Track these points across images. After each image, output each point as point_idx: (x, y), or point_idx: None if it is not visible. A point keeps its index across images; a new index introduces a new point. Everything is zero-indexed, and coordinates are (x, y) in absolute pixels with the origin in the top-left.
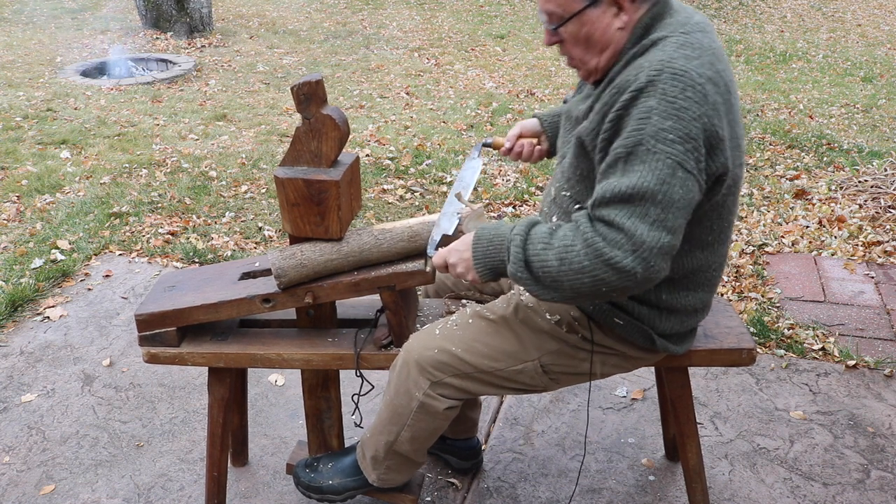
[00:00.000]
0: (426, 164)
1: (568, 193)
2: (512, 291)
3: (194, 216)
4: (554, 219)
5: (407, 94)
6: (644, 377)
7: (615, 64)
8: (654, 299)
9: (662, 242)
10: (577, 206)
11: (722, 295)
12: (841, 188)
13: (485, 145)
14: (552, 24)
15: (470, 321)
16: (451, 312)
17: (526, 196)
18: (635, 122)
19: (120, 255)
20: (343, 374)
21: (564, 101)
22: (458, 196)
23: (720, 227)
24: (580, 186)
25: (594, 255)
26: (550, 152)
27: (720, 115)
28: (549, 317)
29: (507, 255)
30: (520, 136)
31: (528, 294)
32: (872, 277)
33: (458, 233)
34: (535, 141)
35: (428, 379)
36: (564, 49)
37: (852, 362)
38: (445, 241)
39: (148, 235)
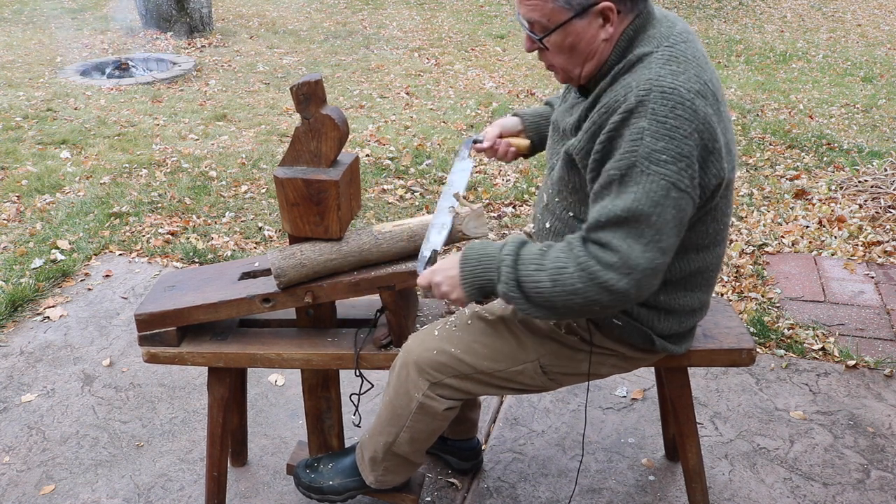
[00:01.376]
0: (426, 164)
1: (560, 200)
2: None
3: (194, 216)
4: (547, 224)
5: (407, 94)
6: (644, 377)
7: (599, 76)
8: (652, 301)
9: (656, 263)
10: (571, 215)
11: (722, 295)
12: (841, 188)
13: (475, 142)
14: (536, 34)
15: (469, 322)
16: (451, 313)
17: (526, 196)
18: (628, 143)
19: (120, 255)
20: (343, 373)
21: (546, 104)
22: (456, 196)
23: (715, 229)
24: (573, 198)
25: (588, 278)
26: (531, 151)
27: (712, 127)
28: None
29: (496, 275)
30: (500, 136)
31: None
32: (872, 277)
33: (454, 234)
34: (510, 141)
35: (427, 380)
36: (546, 57)
37: (852, 362)
38: (434, 259)
39: (148, 235)
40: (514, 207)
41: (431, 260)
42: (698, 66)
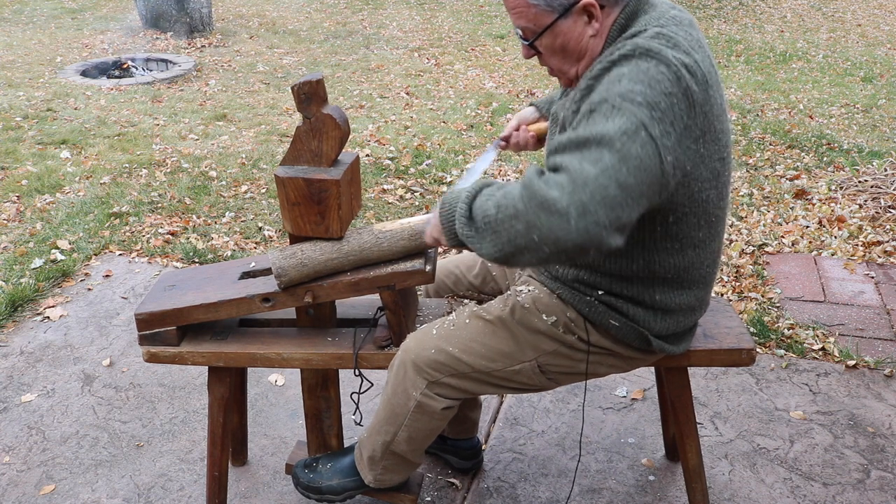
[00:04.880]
0: (426, 164)
1: None
2: (509, 292)
3: (194, 216)
4: None
5: (407, 94)
6: (644, 377)
7: None
8: (648, 300)
9: (610, 193)
10: None
11: (722, 295)
12: (841, 188)
13: (502, 140)
14: (527, 38)
15: (467, 321)
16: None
17: None
18: (605, 83)
19: (120, 255)
20: (343, 373)
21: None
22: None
23: (708, 222)
24: None
25: (529, 197)
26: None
27: (693, 105)
28: (545, 317)
29: (455, 210)
30: (518, 128)
31: (524, 295)
32: (872, 277)
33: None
34: (528, 128)
35: (425, 379)
36: (543, 61)
37: (852, 362)
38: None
39: (148, 235)
40: None
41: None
42: (689, 46)
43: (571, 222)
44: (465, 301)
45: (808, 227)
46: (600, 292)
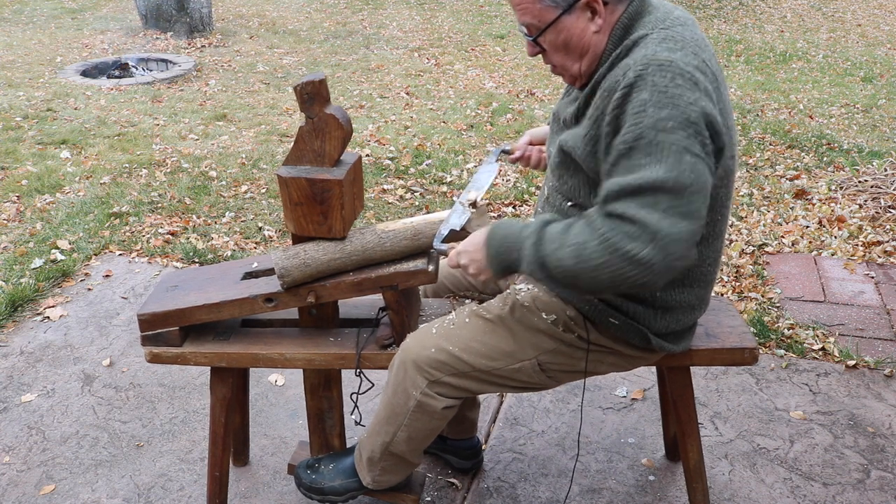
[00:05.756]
0: (426, 164)
1: (560, 192)
2: (508, 291)
3: (194, 216)
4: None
5: (407, 94)
6: (644, 377)
7: (599, 67)
8: (648, 297)
9: (679, 229)
10: (570, 204)
11: (722, 295)
12: (841, 188)
13: (503, 151)
14: (531, 35)
15: (467, 320)
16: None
17: (526, 196)
18: (632, 117)
19: (120, 255)
20: (345, 374)
21: None
22: (473, 203)
23: (714, 220)
24: (573, 181)
25: (611, 251)
26: None
27: (713, 101)
28: (545, 316)
29: (519, 255)
30: (529, 144)
31: (524, 293)
32: (872, 277)
33: (464, 231)
34: (542, 148)
35: (425, 378)
36: (547, 58)
37: (852, 362)
38: (452, 236)
39: (148, 235)
40: (514, 207)
41: (448, 237)
42: (696, 46)
43: (657, 267)
44: (466, 301)
45: (808, 227)
46: (622, 291)
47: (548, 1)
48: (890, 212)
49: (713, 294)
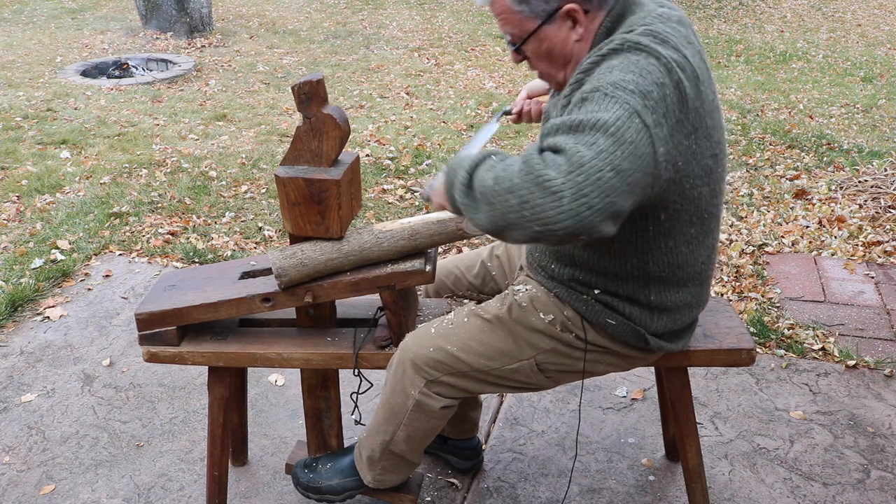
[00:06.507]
0: (426, 164)
1: None
2: (506, 291)
3: (194, 216)
4: None
5: (407, 94)
6: (644, 377)
7: None
8: (643, 299)
9: (604, 177)
10: None
11: (722, 295)
12: (841, 188)
13: (505, 113)
14: (514, 44)
15: (465, 320)
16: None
17: None
18: (595, 77)
19: (120, 255)
20: (343, 373)
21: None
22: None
23: (700, 218)
24: None
25: (526, 173)
26: None
27: (685, 95)
28: (542, 316)
29: (458, 177)
30: (528, 97)
31: (522, 294)
32: (872, 277)
33: (454, 232)
34: (540, 100)
35: (423, 377)
36: (532, 65)
37: (852, 362)
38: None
39: (148, 235)
40: None
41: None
42: (678, 43)
43: (565, 203)
44: (465, 301)
45: (808, 227)
46: (596, 291)
47: (527, 12)
48: (890, 212)
49: (712, 294)
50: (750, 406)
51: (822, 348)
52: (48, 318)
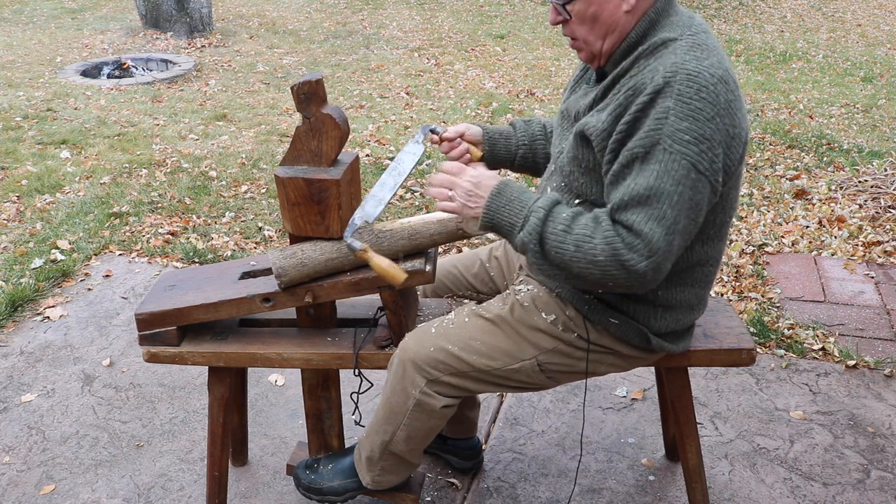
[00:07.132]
0: (426, 165)
1: (570, 189)
2: (508, 291)
3: (194, 216)
4: None
5: (407, 94)
6: (644, 377)
7: (619, 55)
8: (649, 296)
9: (673, 246)
10: (577, 201)
11: (722, 295)
12: (841, 188)
13: (431, 131)
14: (561, 2)
15: (466, 319)
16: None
17: None
18: (652, 122)
19: (120, 255)
20: (343, 373)
21: (511, 125)
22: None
23: (721, 220)
24: (584, 178)
25: (611, 253)
26: (482, 161)
27: (732, 112)
28: (544, 316)
29: (521, 223)
30: (460, 136)
31: (523, 293)
32: (872, 277)
33: (454, 232)
34: (470, 147)
35: (424, 377)
36: (569, 29)
37: (852, 362)
38: (364, 233)
39: (148, 235)
40: None
41: (360, 230)
42: (719, 54)
43: (648, 279)
44: (465, 301)
45: (808, 227)
46: (600, 290)
47: None
48: (890, 212)
49: (712, 294)
50: (750, 406)
51: (822, 348)
52: (48, 318)
